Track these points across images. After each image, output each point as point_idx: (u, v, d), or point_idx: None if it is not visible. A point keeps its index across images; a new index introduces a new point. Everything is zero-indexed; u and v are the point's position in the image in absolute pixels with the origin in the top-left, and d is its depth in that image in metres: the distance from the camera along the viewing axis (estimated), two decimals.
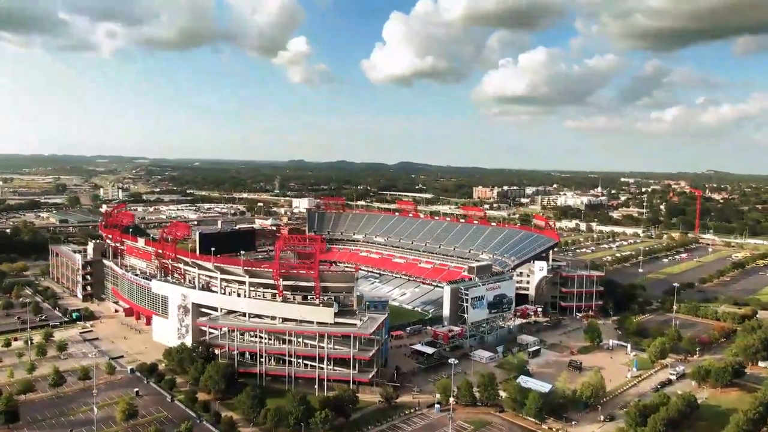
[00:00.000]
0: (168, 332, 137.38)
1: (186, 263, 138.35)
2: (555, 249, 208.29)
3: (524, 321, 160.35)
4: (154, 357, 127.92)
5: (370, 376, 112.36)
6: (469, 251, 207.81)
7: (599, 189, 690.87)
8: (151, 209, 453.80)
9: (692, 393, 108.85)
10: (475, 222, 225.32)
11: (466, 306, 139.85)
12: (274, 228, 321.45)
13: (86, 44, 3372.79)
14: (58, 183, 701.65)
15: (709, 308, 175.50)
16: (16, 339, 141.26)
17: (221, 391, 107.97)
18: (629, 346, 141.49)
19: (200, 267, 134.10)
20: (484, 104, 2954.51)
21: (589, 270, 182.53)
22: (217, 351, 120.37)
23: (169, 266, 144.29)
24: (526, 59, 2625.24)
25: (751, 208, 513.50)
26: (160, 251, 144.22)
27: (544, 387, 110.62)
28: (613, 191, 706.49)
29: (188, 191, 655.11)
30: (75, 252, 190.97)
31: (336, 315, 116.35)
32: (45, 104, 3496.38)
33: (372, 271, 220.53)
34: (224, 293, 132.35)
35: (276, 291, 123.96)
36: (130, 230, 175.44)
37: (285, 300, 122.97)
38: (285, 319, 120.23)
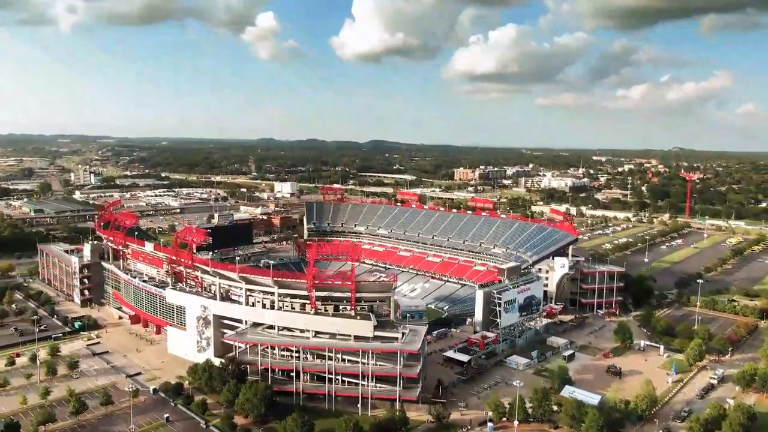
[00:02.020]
0: (186, 345, 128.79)
1: (206, 272, 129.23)
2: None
3: (550, 321, 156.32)
4: (175, 373, 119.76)
5: (417, 393, 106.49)
6: (480, 245, 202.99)
7: (580, 170, 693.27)
8: (128, 195, 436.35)
9: (739, 399, 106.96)
10: (483, 213, 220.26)
11: (499, 311, 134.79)
12: (265, 217, 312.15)
13: (45, 19, 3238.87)
14: (22, 167, 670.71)
15: (726, 303, 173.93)
16: (18, 355, 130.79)
17: (261, 415, 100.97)
18: (662, 347, 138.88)
19: (223, 276, 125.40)
20: (455, 82, 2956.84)
21: (608, 265, 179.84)
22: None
23: (183, 273, 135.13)
24: (496, 36, 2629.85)
25: (729, 189, 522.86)
26: (174, 258, 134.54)
27: (593, 398, 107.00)
28: (591, 171, 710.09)
29: (163, 174, 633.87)
30: (68, 252, 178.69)
31: (375, 328, 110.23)
32: (1, 81, 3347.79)
33: (377, 265, 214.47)
34: (248, 304, 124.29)
35: (304, 301, 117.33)
36: (136, 233, 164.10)
37: (317, 312, 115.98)
38: (318, 333, 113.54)
